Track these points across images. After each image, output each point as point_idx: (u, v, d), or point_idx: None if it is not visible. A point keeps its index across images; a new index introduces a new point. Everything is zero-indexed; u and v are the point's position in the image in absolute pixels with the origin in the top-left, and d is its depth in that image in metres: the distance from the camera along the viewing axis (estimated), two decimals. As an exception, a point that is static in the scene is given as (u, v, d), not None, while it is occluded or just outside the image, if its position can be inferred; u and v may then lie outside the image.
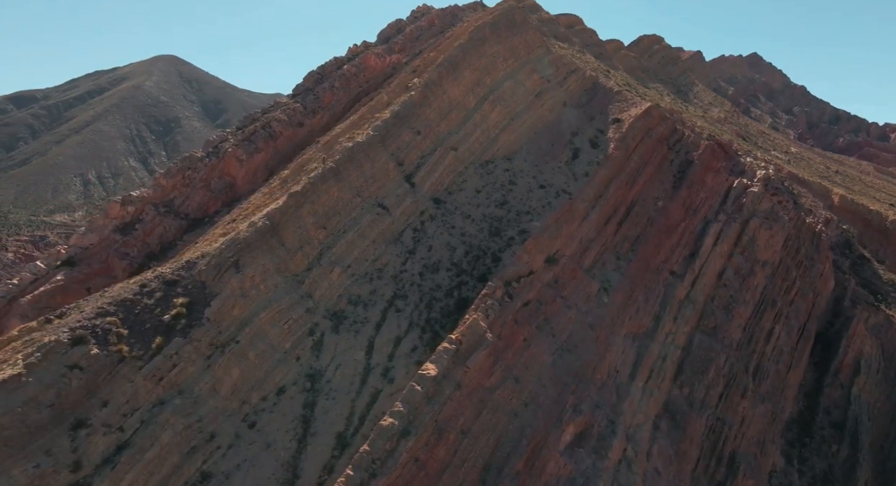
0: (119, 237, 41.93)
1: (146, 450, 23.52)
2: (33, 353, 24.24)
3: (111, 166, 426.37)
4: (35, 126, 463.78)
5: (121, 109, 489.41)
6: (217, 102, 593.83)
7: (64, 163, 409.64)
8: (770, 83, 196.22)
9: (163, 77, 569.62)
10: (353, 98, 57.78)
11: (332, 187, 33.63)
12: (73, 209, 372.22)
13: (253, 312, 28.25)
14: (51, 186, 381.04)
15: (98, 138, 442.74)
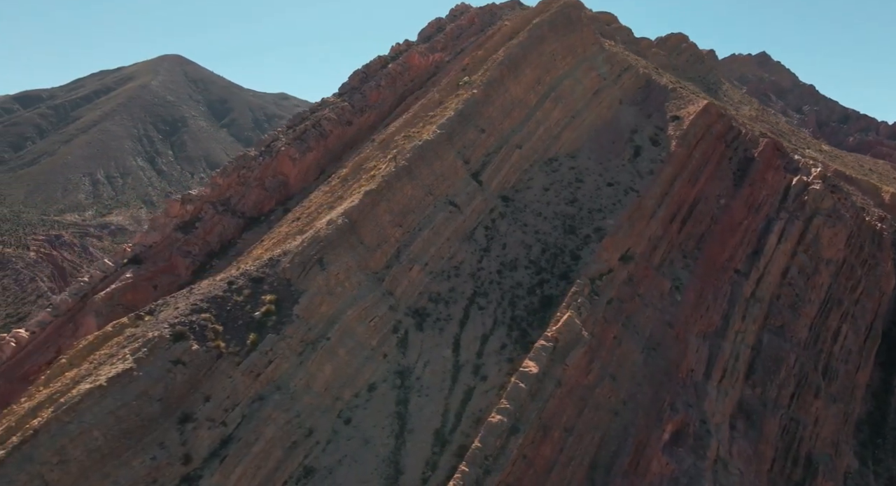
0: (181, 236, 42.74)
1: (252, 444, 23.99)
2: (139, 348, 24.83)
3: (119, 166, 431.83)
4: (42, 126, 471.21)
5: (128, 109, 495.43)
6: (223, 101, 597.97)
7: (72, 162, 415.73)
8: (779, 82, 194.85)
9: (168, 77, 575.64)
10: (398, 97, 58.21)
11: (405, 185, 33.97)
12: (83, 209, 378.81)
13: (340, 309, 28.64)
14: (60, 185, 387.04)
15: (106, 138, 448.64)
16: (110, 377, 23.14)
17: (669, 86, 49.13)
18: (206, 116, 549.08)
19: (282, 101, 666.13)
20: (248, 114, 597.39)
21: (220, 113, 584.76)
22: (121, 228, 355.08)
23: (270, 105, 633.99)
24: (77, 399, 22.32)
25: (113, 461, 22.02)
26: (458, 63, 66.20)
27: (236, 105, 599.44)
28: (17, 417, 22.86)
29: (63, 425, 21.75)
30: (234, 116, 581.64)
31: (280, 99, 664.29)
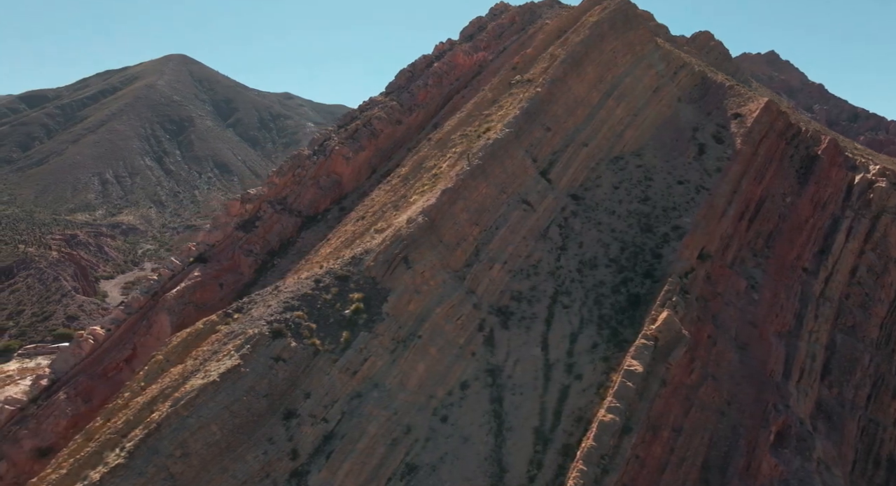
0: (242, 234, 43.55)
1: (356, 441, 24.51)
2: (242, 345, 25.48)
3: (128, 165, 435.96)
4: (50, 125, 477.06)
5: (135, 109, 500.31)
6: (228, 101, 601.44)
7: (81, 162, 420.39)
8: (789, 81, 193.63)
9: (174, 76, 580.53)
10: (445, 95, 58.75)
11: (480, 184, 34.38)
12: (93, 208, 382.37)
13: (427, 307, 29.11)
14: (69, 185, 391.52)
15: (113, 137, 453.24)
16: (221, 373, 23.79)
17: (726, 84, 49.12)
18: (212, 116, 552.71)
19: (286, 100, 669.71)
20: (254, 113, 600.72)
21: (226, 113, 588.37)
22: (132, 228, 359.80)
23: (275, 105, 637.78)
24: (193, 394, 23.00)
25: (230, 454, 22.66)
26: (501, 61, 66.62)
27: (241, 105, 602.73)
28: (134, 411, 23.59)
29: (182, 419, 22.44)
30: (240, 116, 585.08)
31: (284, 98, 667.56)
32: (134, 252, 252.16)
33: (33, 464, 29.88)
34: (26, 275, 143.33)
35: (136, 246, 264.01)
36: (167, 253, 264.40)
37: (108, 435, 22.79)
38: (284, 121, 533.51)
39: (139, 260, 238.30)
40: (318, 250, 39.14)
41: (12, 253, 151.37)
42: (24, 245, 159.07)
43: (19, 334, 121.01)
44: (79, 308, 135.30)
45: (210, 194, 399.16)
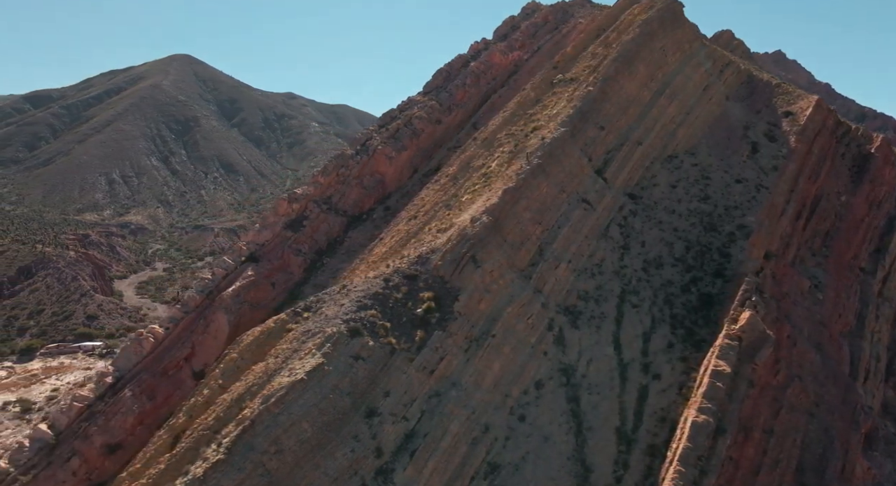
0: (290, 234, 43.98)
1: (440, 439, 24.80)
2: (323, 343, 25.84)
3: (134, 165, 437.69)
4: (56, 125, 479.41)
5: (140, 109, 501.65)
6: (232, 101, 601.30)
7: (88, 162, 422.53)
8: (796, 80, 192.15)
9: (179, 76, 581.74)
10: (483, 95, 58.98)
11: (541, 183, 34.61)
12: (100, 208, 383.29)
13: (498, 307, 29.37)
14: (77, 184, 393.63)
15: (120, 137, 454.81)
16: (308, 371, 24.15)
17: (773, 82, 49.02)
18: (216, 116, 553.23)
19: (289, 100, 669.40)
20: (258, 113, 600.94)
21: (230, 112, 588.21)
22: (141, 228, 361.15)
23: (279, 105, 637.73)
24: (282, 392, 23.38)
25: (320, 452, 23.02)
26: (537, 60, 66.81)
27: (246, 105, 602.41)
28: (223, 407, 23.98)
29: (274, 416, 22.82)
30: (245, 116, 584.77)
31: (288, 98, 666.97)
32: (144, 252, 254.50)
33: (104, 460, 30.38)
34: (45, 274, 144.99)
35: (145, 246, 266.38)
36: (177, 253, 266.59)
37: (200, 432, 23.21)
38: (289, 121, 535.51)
39: (150, 260, 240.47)
40: (372, 250, 39.48)
41: (30, 253, 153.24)
42: (42, 245, 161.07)
43: (40, 334, 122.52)
44: (98, 308, 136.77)
45: (216, 194, 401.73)
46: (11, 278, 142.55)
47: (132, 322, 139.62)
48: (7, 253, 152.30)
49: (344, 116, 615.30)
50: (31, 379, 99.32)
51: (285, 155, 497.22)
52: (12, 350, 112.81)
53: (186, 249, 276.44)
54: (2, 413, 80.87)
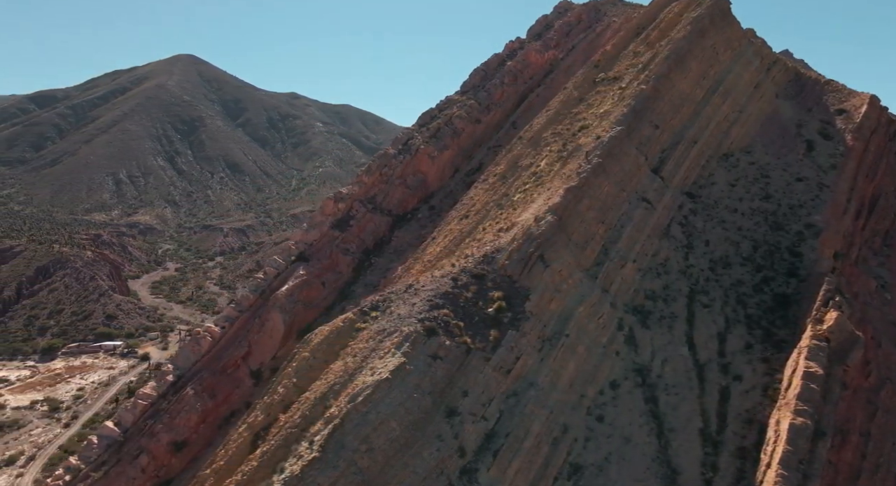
0: (338, 233, 44.16)
1: (522, 439, 24.79)
2: (402, 342, 25.89)
3: (141, 165, 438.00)
4: (61, 126, 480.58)
5: (146, 109, 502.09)
6: (237, 101, 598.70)
7: (95, 162, 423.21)
8: None
9: (183, 76, 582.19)
10: (520, 94, 59.01)
11: (603, 182, 34.55)
12: (108, 208, 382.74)
13: (569, 306, 29.33)
14: (84, 185, 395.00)
15: (126, 137, 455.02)
16: (391, 370, 24.19)
17: (822, 79, 48.70)
18: (221, 116, 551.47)
19: (293, 100, 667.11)
20: (263, 114, 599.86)
21: (235, 113, 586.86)
22: (149, 227, 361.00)
23: (283, 105, 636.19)
24: (369, 391, 23.46)
25: (408, 451, 23.07)
26: (572, 59, 66.76)
27: (250, 105, 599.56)
28: (307, 406, 24.09)
29: (363, 415, 22.89)
30: (249, 116, 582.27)
31: (291, 98, 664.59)
32: (155, 252, 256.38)
33: (171, 457, 30.62)
34: (63, 274, 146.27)
35: (155, 246, 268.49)
36: (187, 253, 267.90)
37: (287, 430, 23.33)
38: (293, 121, 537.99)
39: (161, 260, 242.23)
40: (425, 249, 39.56)
41: (47, 253, 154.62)
42: (58, 245, 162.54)
43: (61, 333, 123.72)
44: (117, 308, 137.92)
45: (223, 194, 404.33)
46: (30, 277, 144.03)
47: (150, 322, 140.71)
48: (25, 253, 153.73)
49: (347, 116, 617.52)
50: (56, 378, 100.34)
51: (290, 155, 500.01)
52: (34, 350, 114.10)
53: (196, 248, 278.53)
54: (30, 412, 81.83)
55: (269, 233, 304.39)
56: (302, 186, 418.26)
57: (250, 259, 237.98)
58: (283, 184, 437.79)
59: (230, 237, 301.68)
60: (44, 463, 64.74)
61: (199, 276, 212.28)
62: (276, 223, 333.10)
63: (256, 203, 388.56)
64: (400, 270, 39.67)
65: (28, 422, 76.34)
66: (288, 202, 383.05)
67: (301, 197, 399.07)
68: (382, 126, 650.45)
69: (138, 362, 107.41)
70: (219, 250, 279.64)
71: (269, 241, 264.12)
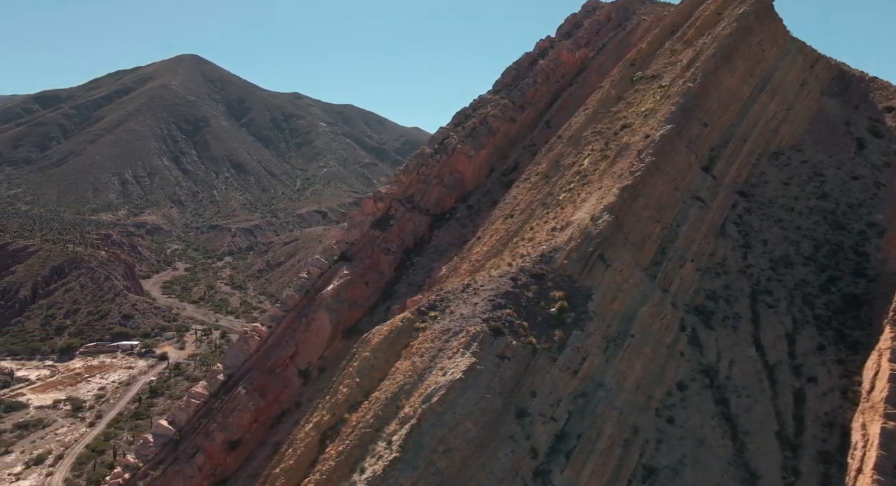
0: (378, 233, 44.01)
1: (595, 441, 24.50)
2: (469, 342, 25.67)
3: (146, 165, 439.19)
4: (66, 126, 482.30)
5: (150, 109, 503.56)
6: (240, 101, 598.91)
7: (101, 162, 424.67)
8: None
9: (187, 76, 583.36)
10: (552, 93, 58.75)
11: (657, 181, 34.24)
12: (115, 208, 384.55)
13: (631, 306, 29.04)
14: (90, 185, 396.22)
15: (131, 138, 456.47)
16: (464, 370, 23.95)
17: (866, 77, 48.15)
18: (225, 116, 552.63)
19: (296, 100, 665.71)
20: (266, 113, 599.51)
21: (239, 113, 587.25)
22: (156, 227, 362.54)
23: (287, 105, 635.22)
24: (443, 391, 23.26)
25: (484, 451, 22.87)
26: (603, 58, 66.43)
27: (254, 105, 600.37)
28: (379, 405, 23.89)
29: (439, 415, 22.70)
30: (253, 116, 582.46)
31: (294, 98, 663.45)
32: (163, 252, 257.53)
33: (226, 456, 30.51)
34: (78, 274, 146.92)
35: (163, 246, 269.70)
36: (196, 253, 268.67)
37: (361, 430, 23.14)
38: (297, 121, 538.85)
39: (170, 259, 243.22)
40: (471, 249, 39.37)
41: (61, 253, 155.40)
42: (72, 245, 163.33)
43: (78, 333, 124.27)
44: (132, 307, 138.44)
45: (228, 194, 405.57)
46: (45, 277, 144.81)
47: (166, 321, 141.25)
48: (39, 253, 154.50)
49: (350, 116, 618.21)
50: (76, 378, 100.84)
51: (294, 155, 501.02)
52: (52, 349, 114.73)
53: (204, 248, 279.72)
54: (54, 411, 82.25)
55: (277, 233, 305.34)
56: (307, 186, 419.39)
57: (260, 259, 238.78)
58: (287, 184, 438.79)
59: (238, 237, 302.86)
60: (72, 462, 64.94)
61: (209, 276, 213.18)
62: (282, 223, 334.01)
63: (262, 203, 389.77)
64: (445, 269, 39.47)
65: (52, 421, 76.69)
66: (294, 202, 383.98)
67: (306, 197, 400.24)
68: (385, 126, 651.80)
69: (157, 361, 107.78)
70: (227, 249, 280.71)
71: (277, 241, 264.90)
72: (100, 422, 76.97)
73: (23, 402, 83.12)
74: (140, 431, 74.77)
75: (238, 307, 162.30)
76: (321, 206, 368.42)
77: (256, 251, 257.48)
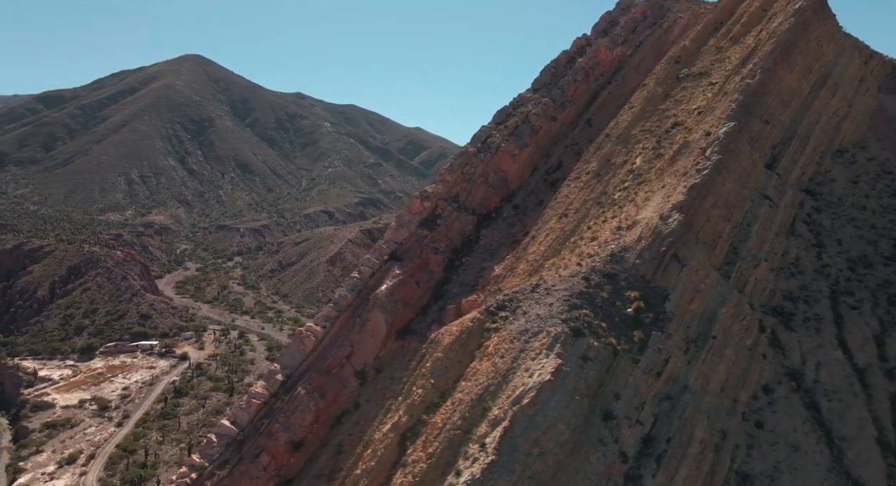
0: (426, 232, 43.56)
1: (686, 445, 23.87)
2: (552, 344, 25.11)
3: (152, 166, 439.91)
4: (71, 126, 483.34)
5: (155, 109, 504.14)
6: (244, 101, 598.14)
7: (107, 162, 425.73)
8: None
9: (191, 77, 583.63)
10: (592, 91, 58.16)
11: (725, 179, 33.63)
12: (122, 208, 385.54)
13: (711, 307, 28.42)
14: (97, 185, 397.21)
15: (136, 138, 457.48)
16: (552, 371, 23.40)
17: (922, 73, 47.31)
18: (230, 116, 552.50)
19: (299, 100, 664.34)
20: (270, 114, 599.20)
21: (243, 113, 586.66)
22: (164, 227, 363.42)
23: (290, 105, 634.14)
24: (533, 393, 22.72)
25: (577, 455, 22.34)
26: (641, 56, 65.76)
27: (257, 105, 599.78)
28: (464, 407, 23.40)
29: (530, 417, 22.17)
30: (257, 116, 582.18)
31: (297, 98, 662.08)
32: (173, 252, 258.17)
33: (290, 457, 30.10)
34: (94, 274, 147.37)
35: (172, 246, 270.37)
36: (205, 253, 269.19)
37: (450, 432, 22.67)
38: (300, 121, 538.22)
39: (181, 259, 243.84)
40: (527, 248, 38.82)
41: (77, 252, 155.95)
42: (88, 245, 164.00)
43: (97, 333, 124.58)
44: (150, 307, 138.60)
45: (234, 194, 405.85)
46: (62, 277, 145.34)
47: (183, 322, 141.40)
48: (55, 253, 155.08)
49: (352, 116, 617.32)
50: (99, 378, 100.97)
51: (298, 155, 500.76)
52: (72, 349, 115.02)
53: (213, 249, 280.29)
54: (80, 411, 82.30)
55: (285, 233, 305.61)
56: (312, 186, 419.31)
57: (271, 259, 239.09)
58: (293, 184, 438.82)
59: (247, 237, 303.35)
60: (104, 462, 64.84)
61: (221, 276, 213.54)
62: (289, 223, 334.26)
63: (268, 203, 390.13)
64: (498, 269, 38.95)
65: (80, 421, 76.72)
66: (300, 202, 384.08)
67: (312, 197, 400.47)
68: (388, 126, 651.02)
69: (178, 361, 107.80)
70: (236, 249, 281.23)
71: (288, 241, 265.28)
72: (127, 422, 76.94)
73: (49, 402, 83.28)
74: (168, 431, 74.82)
75: (253, 307, 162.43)
76: (328, 206, 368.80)
77: (266, 251, 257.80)
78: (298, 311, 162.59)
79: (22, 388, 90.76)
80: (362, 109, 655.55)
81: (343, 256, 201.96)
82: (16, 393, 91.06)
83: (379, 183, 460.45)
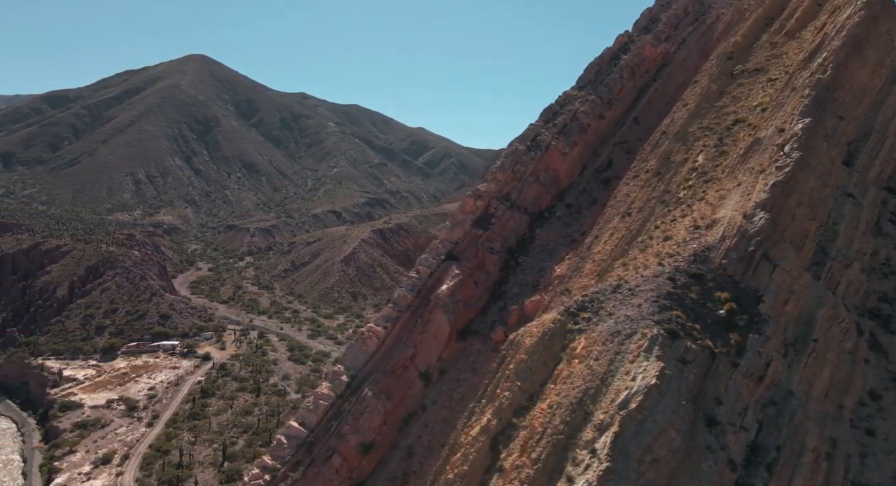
0: (481, 232, 42.83)
1: (799, 454, 22.90)
2: (650, 346, 24.26)
3: (159, 165, 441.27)
4: (77, 126, 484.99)
5: (161, 109, 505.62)
6: (249, 101, 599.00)
7: (114, 162, 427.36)
8: None
9: (196, 77, 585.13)
10: (637, 89, 57.26)
11: (807, 176, 32.63)
12: (130, 208, 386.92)
13: (808, 309, 27.46)
14: (105, 185, 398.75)
15: (143, 138, 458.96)
16: (656, 375, 22.55)
17: None
18: (235, 116, 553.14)
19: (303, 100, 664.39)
20: (275, 114, 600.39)
21: (248, 113, 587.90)
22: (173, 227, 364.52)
23: (295, 105, 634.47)
24: (641, 397, 21.87)
25: (688, 462, 21.49)
26: (686, 53, 64.72)
27: (262, 105, 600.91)
28: (563, 410, 22.63)
29: (640, 422, 21.33)
30: (262, 116, 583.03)
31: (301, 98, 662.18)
32: (184, 251, 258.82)
33: (360, 459, 29.39)
34: (113, 274, 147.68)
35: (182, 245, 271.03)
36: (216, 253, 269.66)
37: (552, 437, 21.88)
38: (305, 121, 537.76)
39: (192, 259, 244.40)
40: (591, 248, 37.94)
41: (95, 252, 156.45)
42: (105, 245, 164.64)
43: (118, 333, 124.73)
44: (170, 307, 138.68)
45: (241, 194, 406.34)
46: (81, 277, 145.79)
47: (202, 322, 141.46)
48: (73, 253, 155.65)
49: (356, 116, 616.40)
50: (124, 378, 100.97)
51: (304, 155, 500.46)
52: (94, 349, 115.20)
53: (224, 248, 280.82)
54: (109, 411, 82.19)
55: (294, 233, 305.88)
56: (318, 186, 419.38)
57: (284, 259, 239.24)
58: (299, 184, 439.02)
59: (256, 237, 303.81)
60: (139, 462, 64.52)
61: (234, 276, 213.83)
62: (298, 223, 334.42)
63: (275, 203, 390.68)
64: (560, 269, 38.09)
65: (110, 421, 76.53)
66: (307, 202, 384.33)
67: (319, 197, 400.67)
68: (391, 126, 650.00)
69: (200, 361, 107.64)
70: (247, 249, 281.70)
71: (300, 241, 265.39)
72: (157, 422, 76.68)
73: (76, 401, 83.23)
74: (199, 431, 74.48)
75: (269, 308, 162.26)
76: (335, 206, 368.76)
77: (276, 251, 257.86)
78: (315, 311, 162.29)
79: (48, 388, 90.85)
80: (366, 109, 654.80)
81: (357, 256, 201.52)
82: (42, 393, 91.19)
83: (384, 183, 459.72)
